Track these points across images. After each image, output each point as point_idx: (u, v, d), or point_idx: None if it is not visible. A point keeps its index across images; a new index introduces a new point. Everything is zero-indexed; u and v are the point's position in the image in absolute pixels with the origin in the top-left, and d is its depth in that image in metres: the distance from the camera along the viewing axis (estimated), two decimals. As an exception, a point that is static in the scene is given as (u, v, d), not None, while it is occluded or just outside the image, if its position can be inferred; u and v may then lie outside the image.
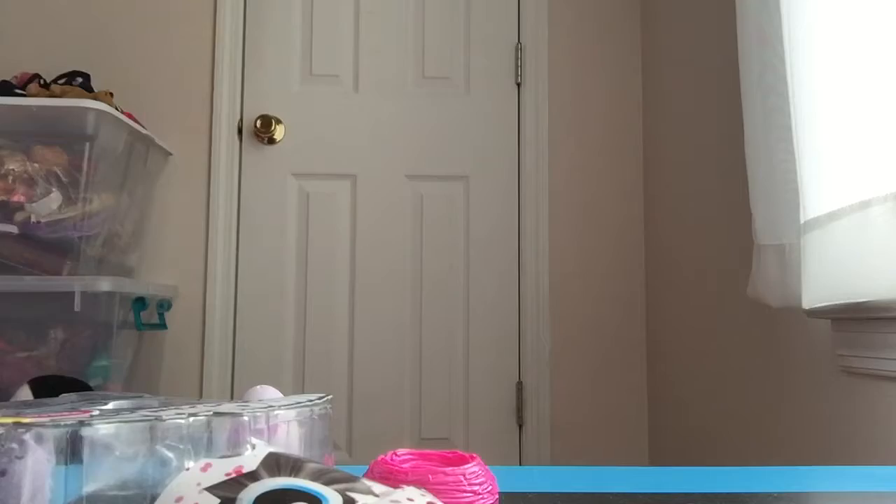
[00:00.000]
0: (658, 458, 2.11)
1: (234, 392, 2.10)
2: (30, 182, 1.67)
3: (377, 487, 0.36)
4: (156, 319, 1.99)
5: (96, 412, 0.41)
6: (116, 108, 1.83)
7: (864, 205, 1.00)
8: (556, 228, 2.21)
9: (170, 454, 0.39)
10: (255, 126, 2.17)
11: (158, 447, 0.38)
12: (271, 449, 0.38)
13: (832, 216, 1.08)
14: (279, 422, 0.45)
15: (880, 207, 0.97)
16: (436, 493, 0.39)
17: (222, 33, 2.18)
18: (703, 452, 1.78)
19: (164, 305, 2.03)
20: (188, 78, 2.17)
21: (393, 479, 0.43)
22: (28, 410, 0.42)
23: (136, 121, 1.92)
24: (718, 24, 1.73)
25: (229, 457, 0.37)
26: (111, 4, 2.18)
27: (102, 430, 0.37)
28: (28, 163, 1.68)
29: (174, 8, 2.19)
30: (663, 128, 2.11)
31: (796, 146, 1.14)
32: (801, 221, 1.13)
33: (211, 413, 0.41)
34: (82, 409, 0.44)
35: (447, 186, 2.22)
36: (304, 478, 0.35)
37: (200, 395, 2.07)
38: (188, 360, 2.10)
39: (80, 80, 1.98)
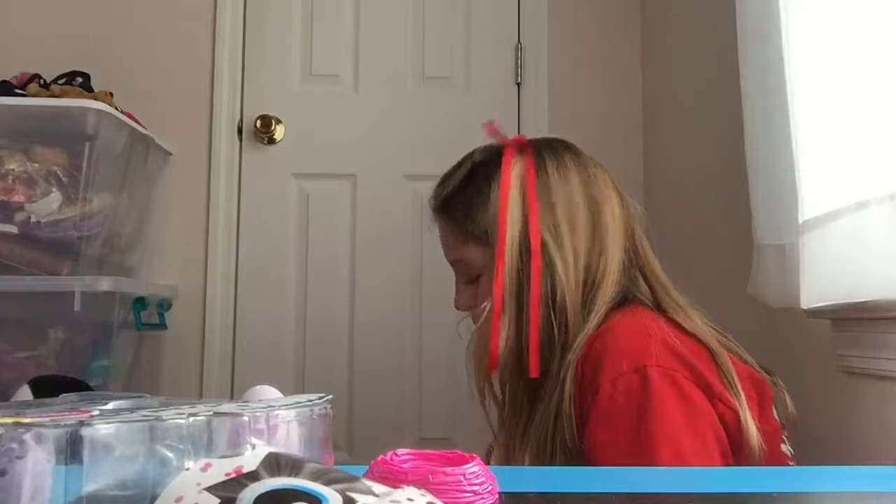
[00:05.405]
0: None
1: (234, 392, 2.10)
2: (30, 182, 1.67)
3: (377, 487, 0.36)
4: (156, 319, 1.99)
5: (96, 412, 0.42)
6: (116, 108, 1.83)
7: (862, 205, 1.00)
8: (556, 228, 2.20)
9: (170, 454, 0.39)
10: (255, 126, 2.17)
11: (158, 447, 0.39)
12: (271, 449, 0.38)
13: (830, 216, 1.08)
14: (279, 422, 0.45)
15: (877, 208, 0.97)
16: (436, 493, 0.39)
17: (222, 33, 2.18)
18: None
19: (164, 305, 2.03)
20: (188, 77, 2.17)
21: (393, 479, 0.43)
22: (28, 410, 0.42)
23: (136, 121, 1.92)
24: (718, 23, 1.72)
25: (229, 457, 0.37)
26: (111, 4, 2.18)
27: (102, 430, 0.37)
28: (28, 163, 1.68)
29: (174, 8, 2.19)
30: (663, 127, 2.11)
31: (795, 145, 1.14)
32: (800, 221, 1.13)
33: (211, 413, 0.41)
34: (82, 409, 0.44)
35: (447, 186, 2.21)
36: (304, 478, 0.35)
37: (200, 395, 2.07)
38: (188, 360, 2.10)
39: (80, 80, 1.97)
